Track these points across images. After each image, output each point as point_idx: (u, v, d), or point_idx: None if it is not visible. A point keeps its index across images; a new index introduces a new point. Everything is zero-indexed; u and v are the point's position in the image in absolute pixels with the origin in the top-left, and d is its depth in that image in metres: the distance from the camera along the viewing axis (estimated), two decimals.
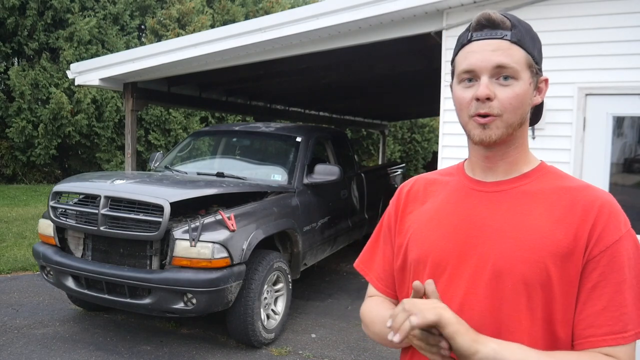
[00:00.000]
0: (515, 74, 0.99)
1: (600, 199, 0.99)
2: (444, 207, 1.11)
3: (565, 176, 1.07)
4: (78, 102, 12.09)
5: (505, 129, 1.01)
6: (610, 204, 0.99)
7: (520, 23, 1.03)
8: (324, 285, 5.72)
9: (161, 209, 3.49)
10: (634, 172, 3.89)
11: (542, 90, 1.06)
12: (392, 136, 17.92)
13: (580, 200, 1.00)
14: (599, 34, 3.69)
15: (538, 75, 1.04)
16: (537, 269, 0.96)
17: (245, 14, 16.19)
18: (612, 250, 0.95)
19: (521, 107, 1.01)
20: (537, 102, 1.06)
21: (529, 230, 0.99)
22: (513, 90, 0.99)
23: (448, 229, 1.07)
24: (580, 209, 0.98)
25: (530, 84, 1.02)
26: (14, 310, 4.57)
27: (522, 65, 1.00)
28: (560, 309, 0.97)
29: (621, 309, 0.93)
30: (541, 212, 1.00)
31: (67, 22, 12.66)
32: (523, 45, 1.01)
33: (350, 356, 3.92)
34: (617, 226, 0.96)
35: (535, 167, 1.07)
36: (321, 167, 4.91)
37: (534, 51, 1.03)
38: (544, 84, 1.06)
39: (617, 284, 0.94)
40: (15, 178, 12.53)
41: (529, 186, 1.05)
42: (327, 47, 4.70)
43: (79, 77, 5.89)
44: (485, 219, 1.04)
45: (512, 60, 0.99)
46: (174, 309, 3.58)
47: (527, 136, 1.08)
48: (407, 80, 7.28)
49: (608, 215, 0.97)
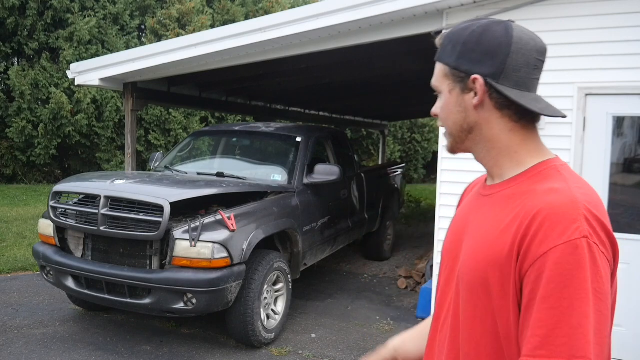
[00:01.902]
0: (438, 89, 1.06)
1: (542, 206, 0.89)
2: (460, 211, 1.16)
3: (550, 177, 0.97)
4: (78, 102, 12.08)
5: (449, 138, 1.07)
6: (551, 212, 0.88)
7: (448, 36, 1.04)
8: (324, 285, 5.72)
9: (161, 209, 3.49)
10: (634, 172, 3.89)
11: (477, 90, 0.99)
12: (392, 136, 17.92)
13: (525, 206, 0.92)
14: (598, 34, 3.69)
15: (463, 79, 1.00)
16: (479, 278, 0.95)
17: (245, 14, 16.18)
18: (539, 264, 0.85)
19: (449, 117, 1.04)
20: (475, 103, 0.99)
21: (482, 237, 0.98)
22: (438, 104, 1.06)
23: (451, 231, 1.13)
24: (521, 216, 0.91)
25: (452, 90, 1.02)
26: (14, 310, 4.57)
27: (440, 79, 1.04)
28: (502, 322, 0.92)
29: (535, 330, 0.85)
30: (501, 218, 0.96)
31: (67, 22, 12.65)
32: (441, 59, 1.04)
33: (350, 356, 3.92)
34: (549, 237, 0.85)
35: (526, 169, 1.00)
36: (321, 167, 4.91)
37: (451, 58, 1.01)
38: (471, 82, 0.99)
39: (539, 301, 0.85)
40: (15, 178, 12.52)
41: (510, 190, 0.99)
42: (327, 47, 4.70)
43: (79, 77, 5.89)
44: (470, 222, 1.06)
45: (436, 79, 1.05)
46: (174, 309, 3.57)
47: (504, 139, 1.01)
48: (407, 80, 7.27)
49: (540, 224, 0.87)
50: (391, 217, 7.28)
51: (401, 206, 8.48)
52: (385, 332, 4.40)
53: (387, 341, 1.33)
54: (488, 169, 1.06)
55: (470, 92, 1.00)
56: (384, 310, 5.02)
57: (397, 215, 7.97)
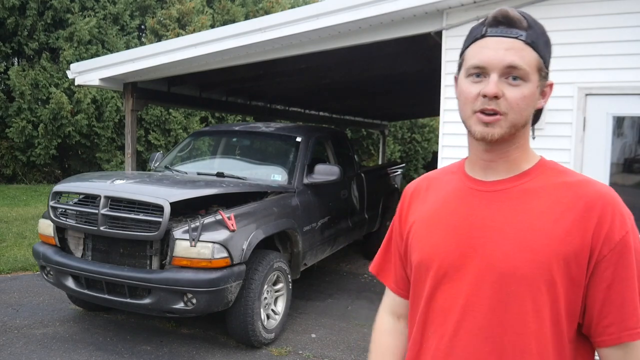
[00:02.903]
0: (525, 76, 0.99)
1: (604, 195, 0.98)
2: (444, 207, 1.11)
3: (565, 171, 1.06)
4: (78, 102, 12.08)
5: (508, 128, 1.01)
6: (614, 200, 0.99)
7: (536, 24, 1.03)
8: (324, 285, 5.72)
9: (161, 209, 3.49)
10: (634, 172, 3.89)
11: (546, 95, 1.06)
12: (392, 136, 17.91)
13: (582, 196, 0.99)
14: (599, 34, 3.69)
15: (545, 80, 1.04)
16: (540, 270, 0.96)
17: (245, 14, 16.18)
18: (621, 247, 0.95)
19: (527, 109, 1.01)
20: (541, 106, 1.06)
21: (531, 230, 0.99)
22: (521, 91, 0.99)
23: (448, 231, 1.07)
24: (582, 205, 0.98)
25: (538, 87, 1.02)
26: (14, 310, 4.57)
27: (533, 68, 1.00)
28: (565, 307, 0.97)
29: (633, 304, 0.95)
30: (542, 211, 1.00)
31: (67, 22, 12.65)
32: (536, 48, 1.00)
33: (350, 356, 3.92)
34: (623, 222, 0.97)
35: (535, 164, 1.07)
36: (321, 167, 4.91)
37: (546, 55, 1.03)
38: (548, 88, 1.06)
39: (628, 280, 0.95)
40: (15, 178, 12.52)
41: (530, 184, 1.04)
42: (327, 47, 4.70)
43: (79, 77, 5.89)
44: (485, 220, 1.03)
45: (524, 62, 0.99)
46: (174, 309, 3.57)
47: (528, 136, 1.08)
48: (407, 80, 7.27)
49: (612, 211, 0.97)
50: (391, 217, 7.27)
51: None
52: None
53: None
54: (501, 163, 1.06)
55: (540, 92, 1.05)
56: None
57: None
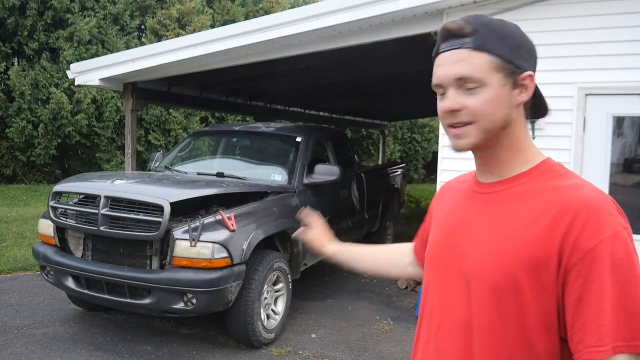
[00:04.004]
0: (480, 81, 0.96)
1: (581, 201, 0.92)
2: (452, 209, 1.14)
3: (565, 174, 1.00)
4: (78, 102, 12.08)
5: (482, 134, 0.98)
6: (592, 206, 0.91)
7: (485, 25, 0.97)
8: (324, 285, 5.72)
9: (161, 209, 3.49)
10: (634, 172, 3.89)
11: (527, 87, 1.00)
12: (392, 136, 17.93)
13: (559, 201, 0.93)
14: (599, 34, 3.69)
15: (516, 74, 0.98)
16: (505, 275, 0.94)
17: (245, 14, 16.18)
18: (592, 257, 0.88)
19: (495, 112, 0.97)
20: (523, 100, 1.00)
21: (504, 234, 0.97)
22: (480, 97, 0.96)
23: (447, 229, 1.11)
24: (556, 211, 0.92)
25: (504, 85, 0.97)
26: (14, 310, 4.57)
27: (487, 71, 0.96)
28: (538, 315, 0.93)
29: (599, 320, 0.87)
30: (521, 215, 0.96)
31: (67, 22, 12.65)
32: (486, 49, 0.96)
33: (350, 356, 3.92)
34: (596, 230, 0.88)
35: (533, 166, 1.02)
36: (321, 167, 4.91)
37: (503, 50, 0.97)
38: (528, 80, 0.99)
39: (597, 293, 0.87)
40: (15, 178, 12.52)
41: (521, 187, 1.00)
42: (327, 47, 4.71)
43: (79, 77, 5.90)
44: (474, 221, 1.04)
45: (473, 69, 0.96)
46: (174, 309, 3.57)
47: (522, 136, 1.03)
48: (407, 80, 7.28)
49: (586, 218, 0.89)
50: (391, 217, 7.27)
51: (401, 206, 8.47)
52: (385, 332, 4.40)
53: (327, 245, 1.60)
54: (493, 166, 1.05)
55: (516, 88, 0.99)
56: (384, 310, 5.02)
57: (398, 216, 7.97)
